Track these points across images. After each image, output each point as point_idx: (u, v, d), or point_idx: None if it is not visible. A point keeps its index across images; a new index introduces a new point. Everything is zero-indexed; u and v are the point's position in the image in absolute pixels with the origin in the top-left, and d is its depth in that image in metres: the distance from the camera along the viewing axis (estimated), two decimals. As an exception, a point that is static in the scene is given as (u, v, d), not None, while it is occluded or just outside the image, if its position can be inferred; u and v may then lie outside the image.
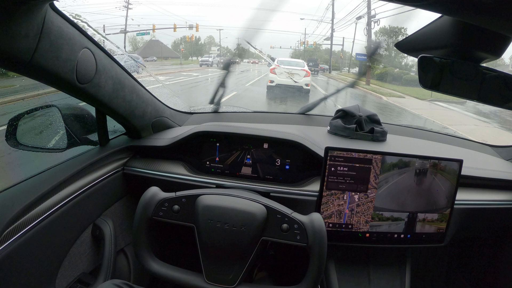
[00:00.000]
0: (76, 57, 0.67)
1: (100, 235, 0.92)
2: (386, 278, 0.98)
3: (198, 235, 0.71)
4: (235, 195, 0.75)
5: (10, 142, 0.87)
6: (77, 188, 0.83)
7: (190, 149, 1.03)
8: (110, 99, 0.84)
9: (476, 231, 1.12)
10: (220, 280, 0.70)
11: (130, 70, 0.91)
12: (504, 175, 1.03)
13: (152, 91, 1.06)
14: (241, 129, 1.00)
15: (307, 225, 0.69)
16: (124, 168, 1.02)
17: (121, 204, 1.04)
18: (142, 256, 0.72)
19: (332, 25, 25.14)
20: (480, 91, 0.60)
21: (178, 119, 1.22)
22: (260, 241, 0.70)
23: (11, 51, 0.53)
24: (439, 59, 0.58)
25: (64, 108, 0.90)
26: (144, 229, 0.71)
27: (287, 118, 1.41)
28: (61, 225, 0.78)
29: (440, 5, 0.36)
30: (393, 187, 0.87)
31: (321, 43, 30.48)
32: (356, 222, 0.88)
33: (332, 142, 1.10)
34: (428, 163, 0.86)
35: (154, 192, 0.73)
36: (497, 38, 0.53)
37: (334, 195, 0.86)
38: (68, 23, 0.63)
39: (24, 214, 0.69)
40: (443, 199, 0.89)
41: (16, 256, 0.66)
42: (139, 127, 1.03)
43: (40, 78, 0.66)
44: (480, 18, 0.38)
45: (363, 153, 0.85)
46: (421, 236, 0.91)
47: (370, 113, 1.18)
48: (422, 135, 1.33)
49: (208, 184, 0.97)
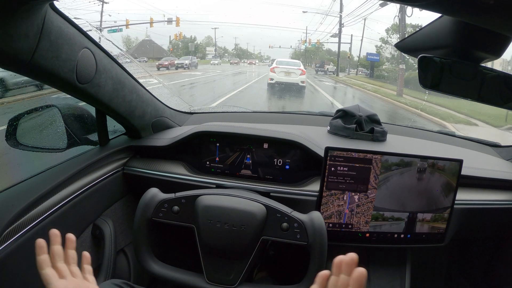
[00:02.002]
0: (76, 57, 0.67)
1: (100, 235, 0.92)
2: (386, 278, 0.98)
3: (198, 236, 0.71)
4: (234, 195, 0.75)
5: (10, 142, 0.87)
6: (77, 188, 0.83)
7: (190, 149, 1.03)
8: (110, 99, 0.84)
9: (476, 231, 1.12)
10: (220, 280, 0.70)
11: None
12: (504, 175, 1.03)
13: (152, 91, 1.06)
14: (241, 129, 1.00)
15: (307, 223, 0.69)
16: (124, 168, 1.02)
17: (121, 204, 1.04)
18: (142, 257, 0.72)
19: (341, 20, 20.88)
20: (480, 91, 0.60)
21: (178, 119, 1.22)
22: (260, 240, 0.70)
23: (11, 51, 0.53)
24: (439, 59, 0.58)
25: (64, 108, 0.91)
26: (144, 231, 0.71)
27: (287, 118, 1.41)
28: (61, 225, 0.78)
29: (440, 5, 0.36)
30: (393, 187, 0.87)
31: (326, 41, 27.30)
32: (356, 223, 0.88)
33: (332, 142, 1.10)
34: (428, 163, 0.86)
35: (153, 193, 0.73)
36: (497, 38, 0.53)
37: (334, 195, 0.86)
38: (68, 23, 0.63)
39: (24, 214, 0.69)
40: (443, 199, 0.88)
41: (16, 256, 0.66)
42: (139, 127, 1.03)
43: (40, 78, 0.66)
44: (480, 18, 0.38)
45: (363, 153, 0.85)
46: (421, 236, 0.91)
47: (370, 113, 1.18)
48: (422, 135, 1.33)
49: (208, 184, 0.97)
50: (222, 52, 33.62)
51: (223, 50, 34.00)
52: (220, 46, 33.80)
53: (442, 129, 1.93)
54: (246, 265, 0.70)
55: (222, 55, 32.23)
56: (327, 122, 1.22)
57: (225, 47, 34.53)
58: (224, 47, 34.75)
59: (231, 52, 33.65)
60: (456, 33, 0.54)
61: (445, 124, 6.59)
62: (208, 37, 31.65)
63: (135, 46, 26.12)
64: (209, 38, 31.74)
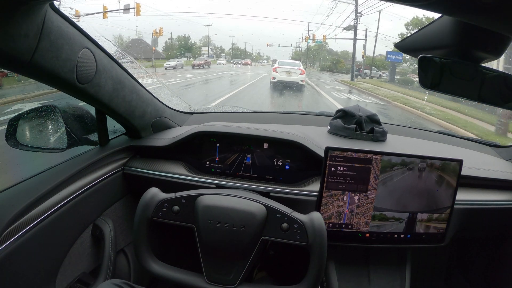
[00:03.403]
0: (76, 57, 0.67)
1: (100, 235, 0.92)
2: (386, 278, 0.98)
3: (198, 236, 0.71)
4: (234, 195, 0.75)
5: (10, 142, 0.87)
6: (77, 188, 0.83)
7: (190, 149, 1.03)
8: (110, 99, 0.84)
9: (476, 231, 1.12)
10: (220, 280, 0.70)
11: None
12: (504, 175, 1.03)
13: (152, 91, 1.06)
14: (241, 129, 1.00)
15: (307, 224, 0.69)
16: (124, 168, 1.02)
17: (121, 204, 1.04)
18: (142, 257, 0.72)
19: (357, 6, 14.37)
20: (480, 91, 0.60)
21: (178, 119, 1.22)
22: (260, 240, 0.70)
23: (11, 51, 0.53)
24: (439, 59, 0.58)
25: (64, 108, 0.91)
26: (144, 230, 0.71)
27: (287, 118, 1.41)
28: (61, 225, 0.79)
29: (440, 5, 0.36)
30: (393, 187, 0.87)
31: (333, 37, 21.49)
32: (356, 223, 0.88)
33: (332, 142, 1.10)
34: (428, 163, 0.86)
35: (153, 193, 0.73)
36: (497, 38, 0.53)
37: (334, 196, 0.86)
38: (68, 23, 0.63)
39: (24, 214, 0.69)
40: (443, 199, 0.88)
41: (16, 256, 0.66)
42: (139, 127, 1.03)
43: (40, 78, 0.66)
44: (480, 18, 0.38)
45: (363, 153, 0.85)
46: (421, 236, 0.91)
47: (370, 113, 1.18)
48: (422, 135, 1.33)
49: (208, 184, 0.97)
50: (218, 51, 32.53)
51: (219, 50, 32.87)
52: (216, 45, 32.63)
53: (442, 129, 1.92)
54: (246, 265, 0.70)
55: (218, 55, 31.15)
56: (327, 122, 1.22)
57: (221, 47, 33.33)
58: (220, 46, 33.43)
59: (228, 52, 32.65)
60: (456, 33, 0.54)
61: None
62: (206, 36, 30.77)
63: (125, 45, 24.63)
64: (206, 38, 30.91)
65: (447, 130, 5.00)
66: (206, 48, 29.30)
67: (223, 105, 6.55)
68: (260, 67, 26.01)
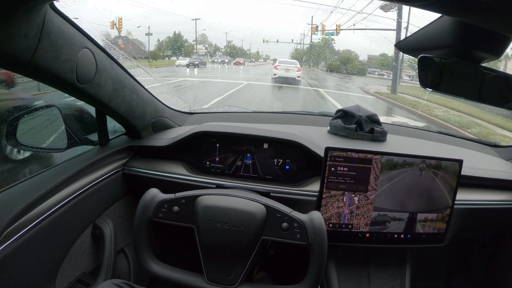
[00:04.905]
0: (76, 57, 0.67)
1: (100, 235, 0.92)
2: (386, 278, 0.98)
3: (198, 236, 0.71)
4: (234, 195, 0.75)
5: (10, 142, 0.87)
6: (77, 188, 0.83)
7: (190, 149, 1.03)
8: (110, 99, 0.84)
9: (476, 231, 1.12)
10: (220, 280, 0.70)
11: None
12: (504, 175, 1.03)
13: (152, 91, 1.06)
14: (241, 129, 1.00)
15: (307, 223, 0.69)
16: (124, 168, 1.02)
17: (121, 204, 1.04)
18: (142, 258, 0.72)
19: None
20: (480, 91, 0.60)
21: (178, 119, 1.22)
22: (260, 240, 0.70)
23: (11, 51, 0.53)
24: (439, 59, 0.58)
25: (64, 108, 0.91)
26: (144, 231, 0.71)
27: (287, 118, 1.41)
28: (61, 225, 0.78)
29: (440, 5, 0.36)
30: (393, 187, 0.87)
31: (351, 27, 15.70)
32: (356, 224, 0.88)
33: (332, 142, 1.10)
34: (428, 163, 0.86)
35: (153, 193, 0.73)
36: (497, 38, 0.53)
37: (334, 197, 0.86)
38: (68, 23, 0.63)
39: (24, 214, 0.69)
40: (443, 199, 0.88)
41: (16, 256, 0.66)
42: (139, 127, 1.03)
43: (40, 78, 0.66)
44: (480, 18, 0.38)
45: (363, 153, 0.85)
46: (421, 236, 0.91)
47: (370, 113, 1.18)
48: (422, 135, 1.33)
49: (208, 184, 0.97)
50: (213, 50, 30.39)
51: (214, 48, 31.05)
52: (212, 43, 31.14)
53: (442, 129, 1.93)
54: (246, 265, 0.70)
55: (213, 54, 29.65)
56: (327, 122, 1.22)
57: (216, 45, 31.60)
58: (215, 44, 30.91)
59: (225, 52, 31.35)
60: (456, 33, 0.54)
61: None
62: (203, 35, 29.37)
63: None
64: (203, 36, 29.32)
65: (447, 130, 5.03)
66: (200, 47, 27.45)
67: (223, 105, 6.54)
68: (256, 67, 23.17)
